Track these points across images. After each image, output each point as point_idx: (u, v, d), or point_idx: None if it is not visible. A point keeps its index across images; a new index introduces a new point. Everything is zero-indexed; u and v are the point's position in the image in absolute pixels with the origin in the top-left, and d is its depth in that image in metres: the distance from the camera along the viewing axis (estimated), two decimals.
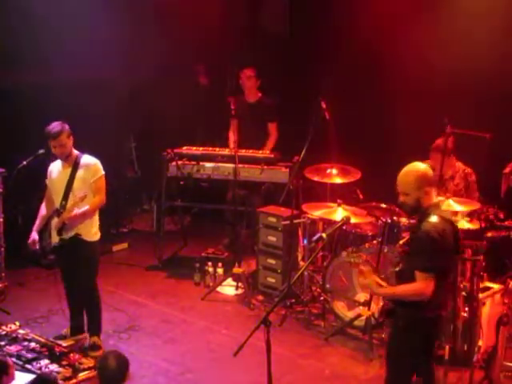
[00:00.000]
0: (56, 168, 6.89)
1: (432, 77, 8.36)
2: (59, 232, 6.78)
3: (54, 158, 6.91)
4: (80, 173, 6.75)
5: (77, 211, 6.62)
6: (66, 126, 6.71)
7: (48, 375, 5.79)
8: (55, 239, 6.84)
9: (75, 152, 6.81)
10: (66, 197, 6.74)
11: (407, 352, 5.19)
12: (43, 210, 6.99)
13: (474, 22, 8.15)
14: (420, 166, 5.21)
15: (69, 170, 6.77)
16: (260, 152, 8.69)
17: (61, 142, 6.67)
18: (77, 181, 6.75)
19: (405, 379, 5.28)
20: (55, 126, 6.67)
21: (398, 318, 5.22)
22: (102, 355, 5.00)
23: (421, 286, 5.00)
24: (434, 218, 5.05)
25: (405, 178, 5.16)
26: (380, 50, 8.70)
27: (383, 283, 5.26)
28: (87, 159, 6.82)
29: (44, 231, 6.96)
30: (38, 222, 6.96)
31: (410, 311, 5.10)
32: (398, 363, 5.26)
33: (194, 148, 8.85)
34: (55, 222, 6.80)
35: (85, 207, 6.66)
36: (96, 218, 6.88)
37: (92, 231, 6.84)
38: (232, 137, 8.72)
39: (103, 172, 6.82)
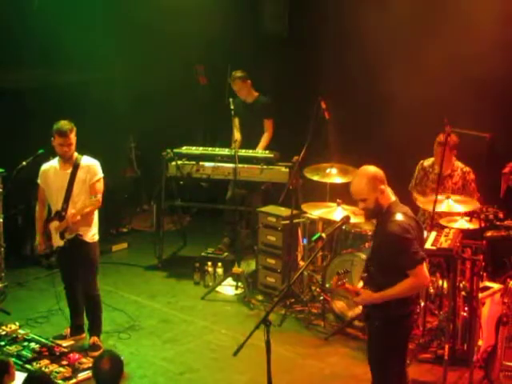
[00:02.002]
0: (52, 169, 6.81)
1: (432, 77, 8.35)
2: (61, 235, 6.77)
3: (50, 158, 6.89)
4: (80, 174, 6.71)
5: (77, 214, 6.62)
6: (73, 125, 6.68)
7: (38, 373, 5.72)
8: (58, 242, 6.80)
9: (75, 153, 6.78)
10: (67, 199, 6.71)
11: (391, 352, 5.16)
12: (41, 212, 6.93)
13: (473, 22, 8.14)
14: (369, 169, 5.25)
15: (68, 172, 6.73)
16: (260, 152, 8.68)
17: (70, 140, 6.64)
18: (77, 183, 6.71)
19: (394, 380, 5.24)
20: (65, 124, 6.62)
21: (373, 320, 5.20)
22: (97, 357, 4.96)
23: (418, 278, 5.02)
24: (398, 216, 5.08)
25: (358, 185, 5.19)
26: (380, 49, 8.69)
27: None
28: (87, 161, 6.78)
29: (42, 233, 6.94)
30: (39, 224, 6.90)
31: (384, 311, 5.09)
32: (384, 365, 5.20)
33: (194, 148, 8.83)
34: (56, 224, 6.77)
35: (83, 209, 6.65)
36: (95, 219, 6.86)
37: (91, 233, 6.82)
38: (236, 135, 8.70)
39: (102, 174, 6.79)
